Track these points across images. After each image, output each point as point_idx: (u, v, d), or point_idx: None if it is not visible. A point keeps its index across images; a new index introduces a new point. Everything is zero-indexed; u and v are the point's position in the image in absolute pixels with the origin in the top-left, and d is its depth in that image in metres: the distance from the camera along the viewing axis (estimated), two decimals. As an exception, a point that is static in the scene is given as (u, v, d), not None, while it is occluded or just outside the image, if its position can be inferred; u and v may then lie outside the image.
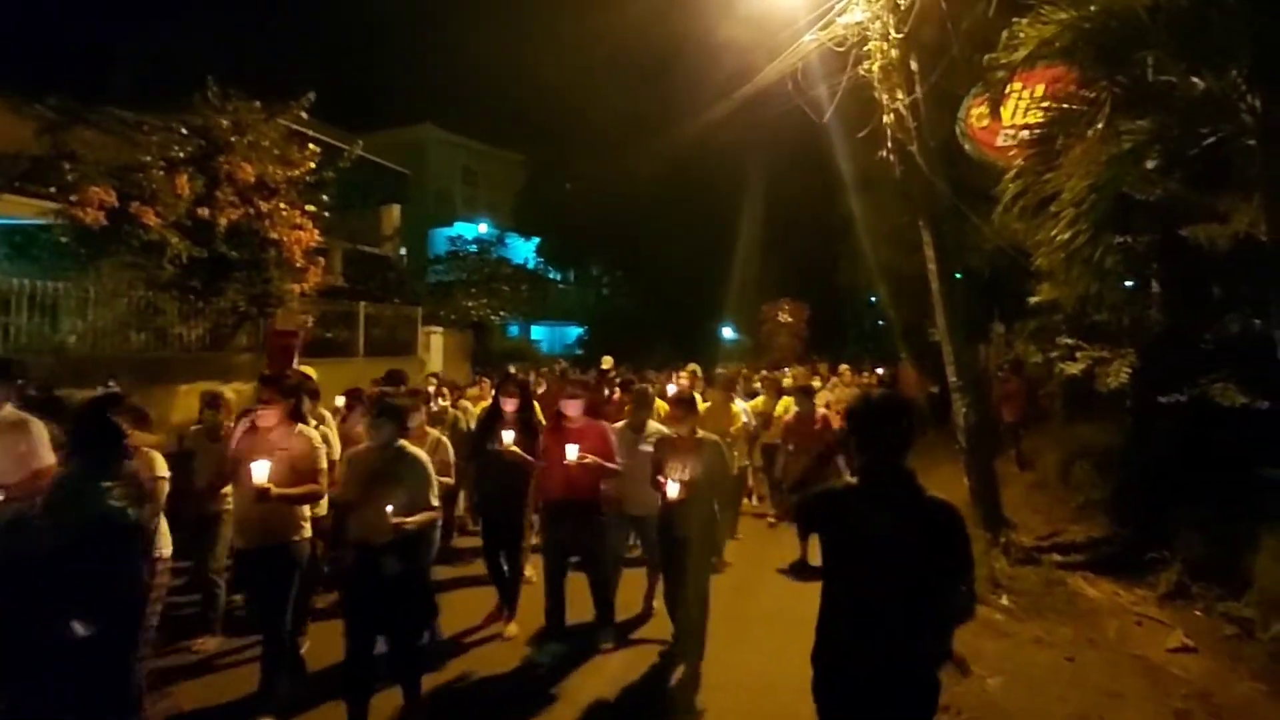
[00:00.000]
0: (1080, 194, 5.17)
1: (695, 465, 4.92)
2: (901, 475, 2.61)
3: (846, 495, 2.72)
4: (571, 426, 5.43)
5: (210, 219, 9.33)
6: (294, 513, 4.52)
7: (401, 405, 4.51)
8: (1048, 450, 11.49)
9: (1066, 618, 6.13)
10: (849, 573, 2.64)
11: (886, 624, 2.53)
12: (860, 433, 2.69)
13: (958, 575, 2.61)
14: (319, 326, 12.38)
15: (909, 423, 2.71)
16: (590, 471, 5.28)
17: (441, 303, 16.85)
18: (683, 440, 5.16)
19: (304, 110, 10.51)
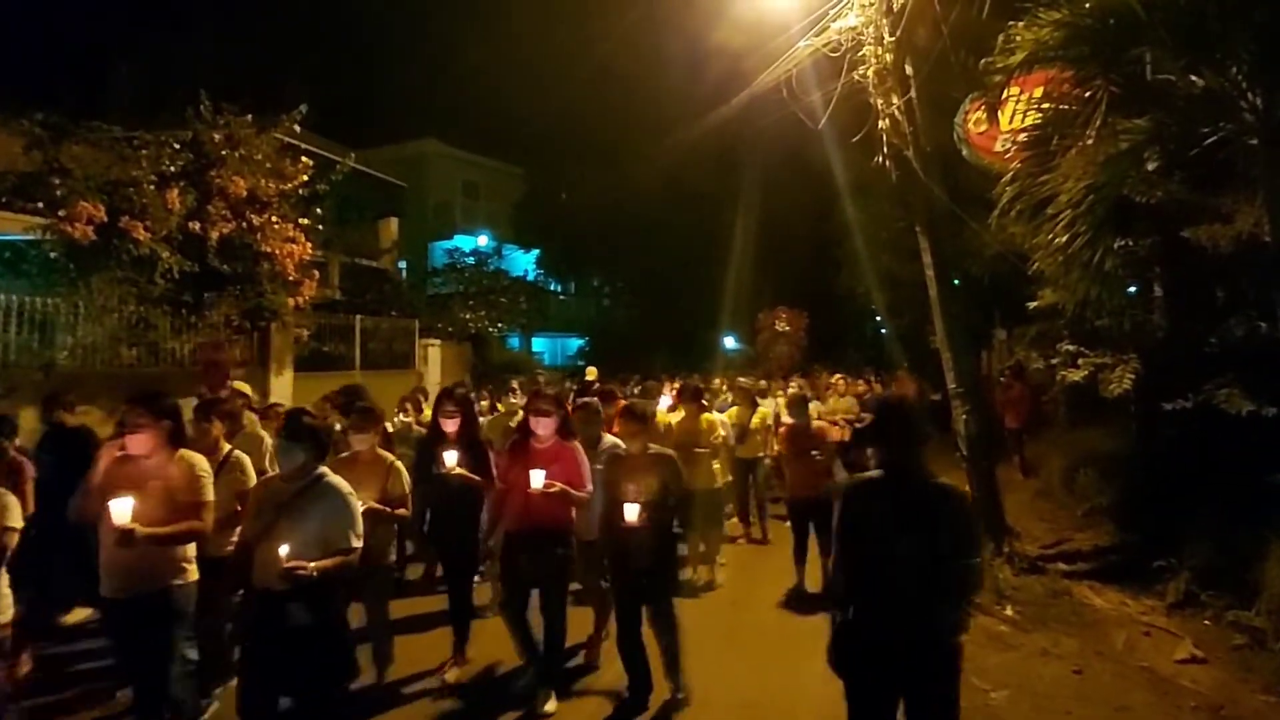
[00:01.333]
0: (1077, 195, 5.06)
1: (650, 484, 4.48)
2: (917, 465, 3.01)
3: (873, 484, 3.09)
4: (540, 448, 4.74)
5: (201, 233, 9.28)
6: (172, 554, 3.90)
7: (317, 427, 3.79)
8: (1051, 457, 11.37)
9: (1073, 628, 6.00)
10: (878, 551, 2.94)
11: (914, 593, 2.86)
12: (883, 429, 3.11)
13: (968, 549, 3.03)
14: (315, 340, 12.29)
15: (922, 420, 3.18)
16: (557, 500, 4.61)
17: (439, 315, 16.76)
18: (635, 457, 4.70)
19: (296, 123, 10.45)
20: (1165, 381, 6.51)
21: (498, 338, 18.34)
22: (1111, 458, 9.10)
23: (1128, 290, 6.04)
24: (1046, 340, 9.12)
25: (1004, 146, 9.67)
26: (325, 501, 3.59)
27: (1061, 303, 6.76)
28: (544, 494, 4.49)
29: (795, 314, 22.64)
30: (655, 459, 4.65)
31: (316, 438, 3.71)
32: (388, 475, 4.77)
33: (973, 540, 3.13)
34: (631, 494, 4.44)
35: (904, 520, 2.90)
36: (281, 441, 3.71)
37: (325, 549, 3.48)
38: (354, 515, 3.64)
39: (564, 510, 4.73)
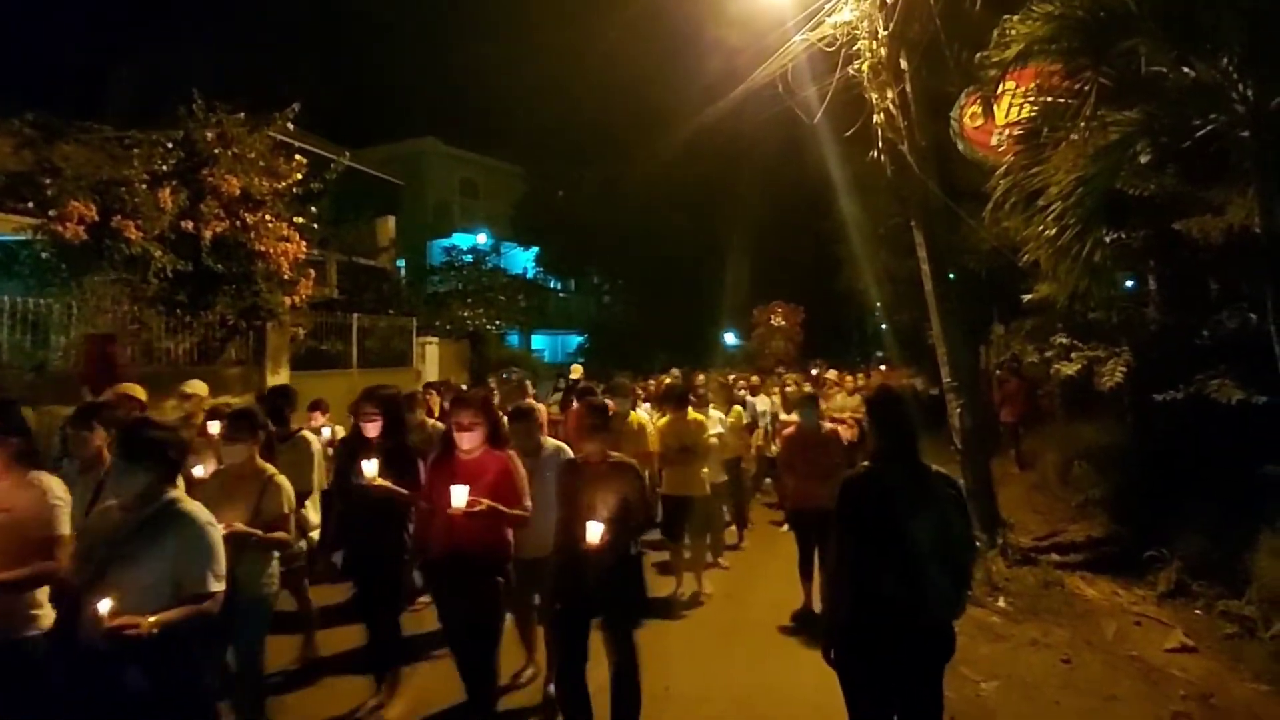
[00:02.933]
0: (1067, 188, 5.05)
1: (611, 497, 3.88)
2: (915, 454, 3.10)
3: (874, 472, 3.15)
4: (465, 459, 4.06)
5: (195, 232, 9.27)
6: (18, 601, 3.18)
7: (163, 440, 3.02)
8: (1047, 450, 11.37)
9: (1064, 619, 6.01)
10: (887, 536, 2.97)
11: (925, 575, 2.92)
12: (882, 418, 3.21)
13: (968, 533, 3.22)
14: (312, 338, 12.30)
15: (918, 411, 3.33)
16: (486, 521, 3.93)
17: (437, 313, 16.77)
18: (594, 465, 4.07)
19: (290, 121, 10.45)
20: (1158, 373, 6.51)
21: (496, 335, 18.33)
22: (1106, 450, 9.09)
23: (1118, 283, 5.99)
24: (1041, 334, 9.11)
25: (999, 141, 9.67)
26: (175, 534, 2.92)
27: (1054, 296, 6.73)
28: (469, 514, 3.83)
29: (791, 309, 22.53)
30: (617, 468, 4.05)
31: (163, 455, 2.99)
32: (263, 492, 3.89)
33: (968, 524, 3.26)
34: (593, 509, 3.81)
35: (911, 504, 2.98)
36: (117, 461, 3.06)
37: (177, 593, 2.86)
38: (212, 550, 2.98)
39: (494, 532, 4.07)
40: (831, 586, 3.25)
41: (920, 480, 3.07)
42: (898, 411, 3.18)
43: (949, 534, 3.00)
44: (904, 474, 3.08)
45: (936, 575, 2.94)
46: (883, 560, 2.97)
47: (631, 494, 3.94)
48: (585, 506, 3.82)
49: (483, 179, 32.14)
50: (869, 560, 3.00)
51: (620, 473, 4.01)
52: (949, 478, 3.16)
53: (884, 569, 2.97)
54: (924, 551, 2.92)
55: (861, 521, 3.05)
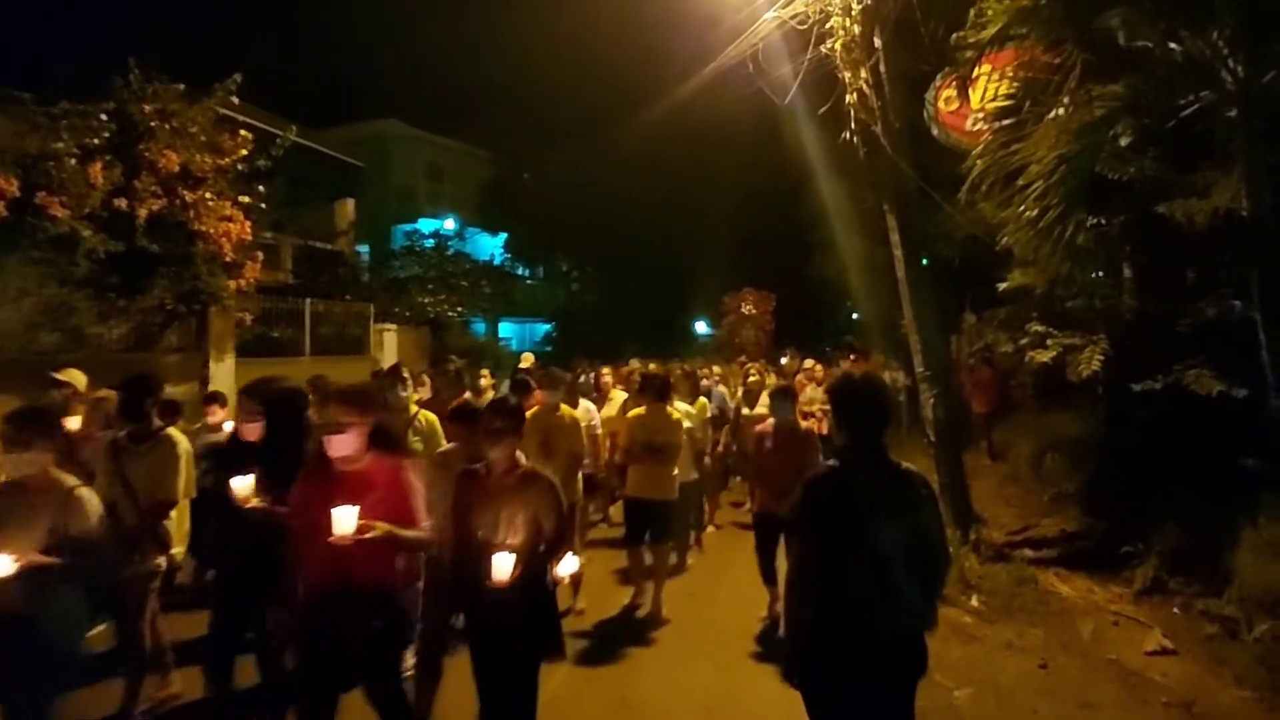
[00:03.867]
0: (1049, 166, 4.75)
1: (519, 518, 3.23)
2: (883, 451, 2.84)
3: (838, 472, 2.86)
4: (346, 471, 3.21)
5: (129, 211, 8.70)
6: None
7: None
8: (1020, 441, 11.21)
9: (1039, 619, 5.77)
10: (850, 543, 2.72)
11: (891, 585, 2.67)
12: (844, 413, 2.93)
13: (940, 538, 2.92)
14: (262, 324, 11.76)
15: (887, 402, 2.99)
16: (377, 548, 3.11)
17: (396, 299, 16.23)
18: (498, 476, 3.35)
19: (233, 94, 9.87)
20: (1134, 362, 6.26)
21: (459, 322, 17.82)
22: (1079, 442, 8.91)
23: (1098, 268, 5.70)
24: (1015, 323, 8.88)
25: (975, 125, 9.43)
26: None
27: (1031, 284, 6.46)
28: (356, 540, 2.99)
29: (762, 296, 22.07)
30: (527, 480, 3.34)
31: None
32: (65, 509, 3.22)
33: (942, 529, 3.00)
34: (497, 533, 3.21)
35: (878, 507, 2.73)
36: None
37: None
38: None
39: (383, 562, 3.25)
40: (791, 597, 2.91)
41: (889, 480, 2.81)
42: (863, 404, 2.92)
43: (920, 540, 2.75)
44: (871, 473, 2.81)
45: (906, 585, 2.70)
46: (847, 569, 2.73)
47: (545, 513, 3.30)
48: (486, 529, 3.24)
49: (449, 163, 31.50)
50: (832, 569, 2.75)
51: (531, 486, 3.33)
52: (921, 477, 2.90)
53: (848, 578, 2.73)
54: (892, 559, 2.68)
55: (824, 526, 2.78)
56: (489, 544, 3.19)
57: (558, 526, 3.36)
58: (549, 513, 3.33)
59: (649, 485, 6.01)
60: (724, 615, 6.00)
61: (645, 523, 6.04)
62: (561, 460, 5.66)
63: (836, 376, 3.46)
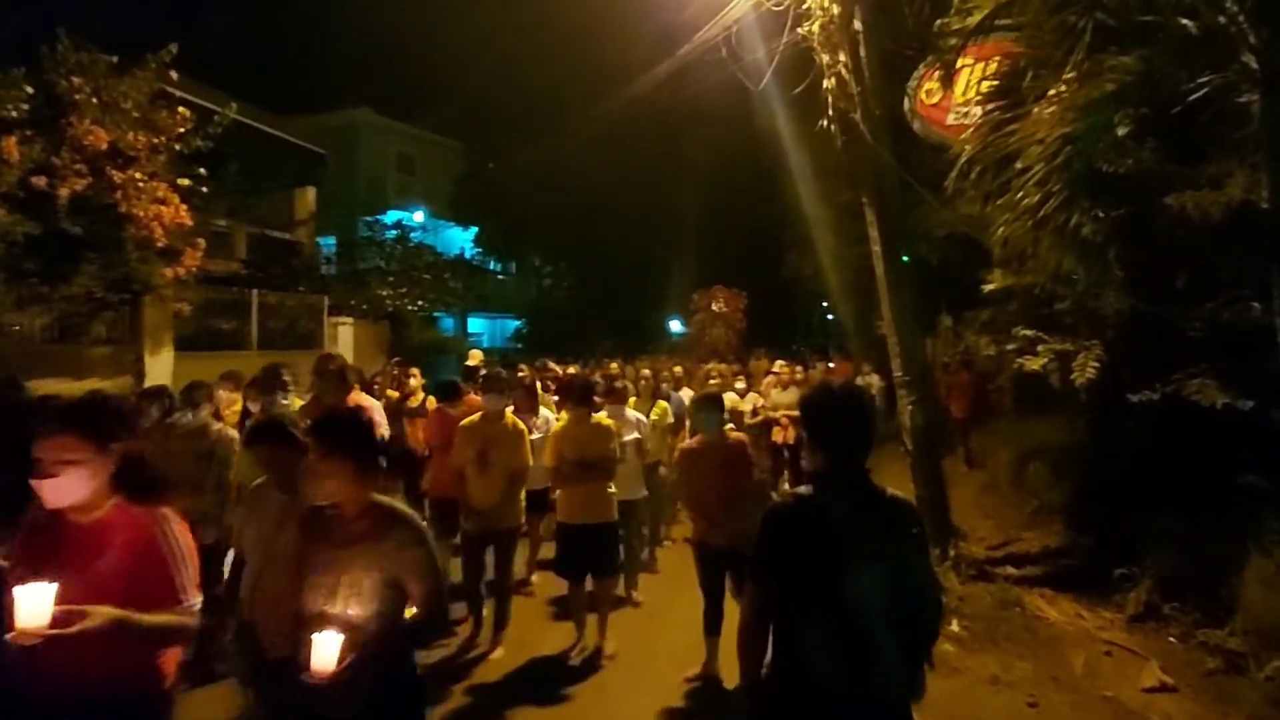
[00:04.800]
0: (1052, 147, 4.26)
1: (366, 581, 2.36)
2: (863, 476, 2.36)
3: (811, 503, 2.35)
4: (79, 523, 2.18)
5: (48, 190, 7.99)
6: None
7: None
8: (998, 448, 10.82)
9: (1025, 648, 5.31)
10: (816, 589, 2.22)
11: (872, 644, 2.19)
12: (820, 431, 2.42)
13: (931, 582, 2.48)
14: (204, 316, 11.06)
15: (872, 419, 2.46)
16: (115, 647, 2.05)
17: (354, 292, 15.53)
18: (348, 521, 2.45)
19: (167, 65, 9.14)
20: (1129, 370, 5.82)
21: (420, 317, 17.14)
22: (1063, 451, 8.49)
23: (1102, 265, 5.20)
24: (998, 326, 8.44)
25: (956, 119, 9.04)
26: None
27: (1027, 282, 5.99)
28: (56, 638, 1.93)
29: (733, 294, 21.40)
30: (385, 525, 2.43)
31: None
32: None
33: (933, 574, 2.61)
34: (335, 602, 2.35)
35: (857, 547, 2.24)
36: None
37: None
38: None
39: (131, 665, 2.17)
40: (746, 651, 2.38)
41: (872, 513, 2.32)
42: (844, 421, 2.40)
43: (906, 586, 2.26)
44: (849, 504, 2.31)
45: (888, 644, 2.21)
46: (815, 623, 2.24)
47: (410, 572, 2.39)
48: (322, 595, 2.36)
49: (420, 154, 30.88)
50: (796, 619, 2.29)
51: (391, 534, 2.40)
52: (910, 508, 2.44)
53: (817, 634, 2.24)
54: (871, 610, 2.20)
55: (787, 568, 2.28)
56: (321, 618, 2.29)
57: (429, 592, 2.41)
58: (416, 572, 2.39)
59: (583, 508, 5.15)
60: (678, 642, 5.27)
61: (583, 551, 5.17)
62: (500, 476, 5.07)
63: (811, 387, 2.84)
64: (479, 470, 5.08)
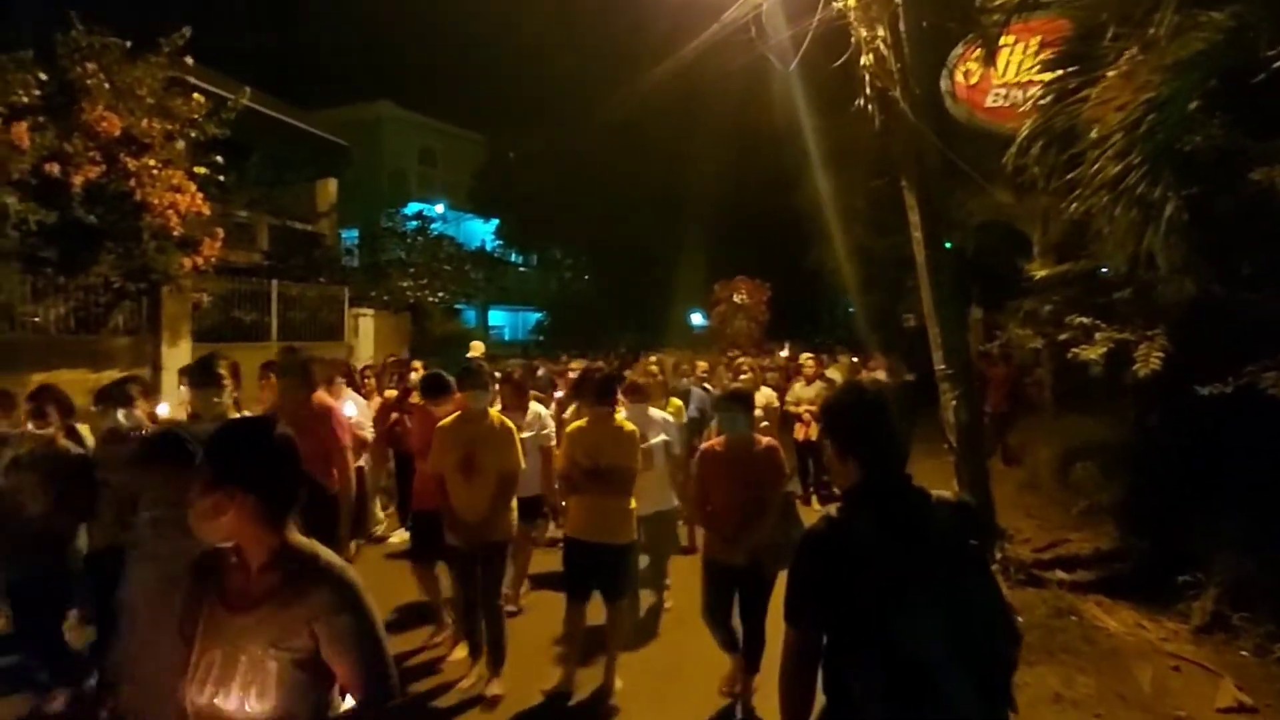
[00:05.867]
0: (1134, 113, 3.86)
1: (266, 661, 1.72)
2: (904, 485, 2.01)
3: (845, 525, 1.97)
4: None
5: (62, 177, 7.82)
6: None
7: None
8: (1038, 445, 10.41)
9: (1086, 661, 4.95)
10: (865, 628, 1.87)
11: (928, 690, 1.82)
12: (850, 439, 2.07)
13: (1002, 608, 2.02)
14: (224, 306, 10.91)
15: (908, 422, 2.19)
16: None
17: (376, 283, 15.38)
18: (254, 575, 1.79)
19: (180, 50, 8.94)
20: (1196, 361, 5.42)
21: (441, 309, 16.97)
22: (1111, 449, 8.09)
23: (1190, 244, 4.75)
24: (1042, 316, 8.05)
25: (996, 102, 8.66)
26: None
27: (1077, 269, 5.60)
28: None
29: (756, 285, 20.83)
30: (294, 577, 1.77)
31: None
32: None
33: (1002, 597, 2.06)
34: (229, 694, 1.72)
35: (906, 572, 1.87)
36: None
37: None
38: None
39: None
40: (788, 701, 2.00)
41: (916, 526, 1.95)
42: (878, 426, 2.05)
43: (971, 612, 1.88)
44: (889, 520, 1.95)
45: (955, 684, 1.83)
46: (866, 662, 1.88)
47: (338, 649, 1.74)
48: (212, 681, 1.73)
49: (442, 146, 30.93)
50: (845, 662, 1.93)
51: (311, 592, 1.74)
52: (961, 511, 2.08)
53: (869, 676, 1.88)
54: (932, 646, 1.84)
55: (828, 602, 1.93)
56: (209, 716, 1.73)
57: (366, 675, 1.76)
58: (344, 647, 1.74)
59: (594, 524, 4.48)
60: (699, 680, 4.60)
61: (591, 574, 4.49)
62: (489, 482, 4.42)
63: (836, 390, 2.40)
64: (463, 477, 4.43)
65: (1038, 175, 5.18)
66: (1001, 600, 2.04)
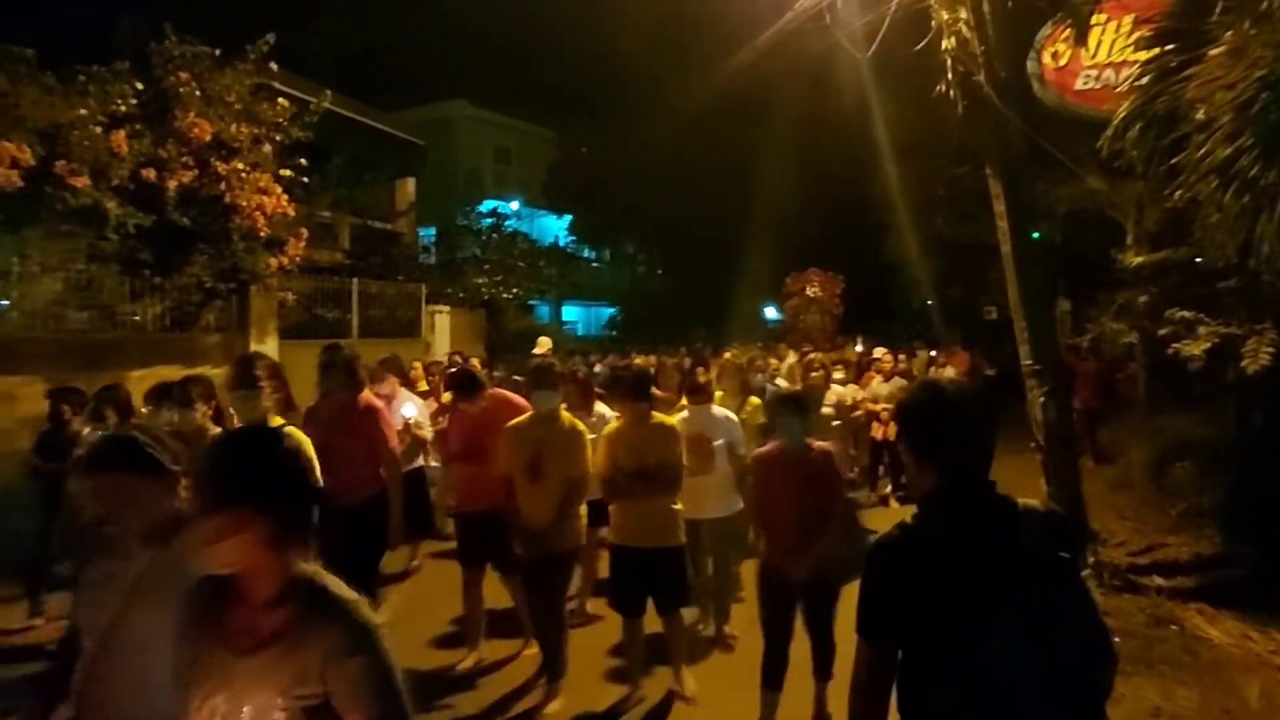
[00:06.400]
0: (1245, 92, 3.60)
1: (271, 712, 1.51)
2: (988, 493, 1.83)
3: (923, 535, 1.82)
4: None
5: (157, 182, 8.20)
6: None
7: None
8: (1131, 443, 9.94)
9: (1188, 673, 4.67)
10: (946, 648, 1.73)
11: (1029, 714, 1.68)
12: (927, 442, 1.91)
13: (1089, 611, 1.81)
14: (307, 304, 11.30)
15: (994, 423, 1.97)
16: None
17: (451, 281, 15.71)
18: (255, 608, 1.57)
19: (265, 56, 9.27)
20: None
21: (515, 305, 17.22)
22: (1213, 447, 7.67)
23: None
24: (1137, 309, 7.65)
25: (1086, 84, 8.27)
26: None
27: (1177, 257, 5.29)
28: None
29: (829, 278, 20.23)
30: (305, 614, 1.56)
31: None
32: None
33: (1100, 618, 1.86)
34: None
35: (989, 587, 1.72)
36: None
37: None
38: None
39: None
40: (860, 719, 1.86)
41: (1002, 538, 1.78)
42: (955, 425, 1.89)
43: (1064, 634, 1.72)
44: (972, 531, 1.79)
45: (1044, 711, 1.68)
46: (945, 685, 1.75)
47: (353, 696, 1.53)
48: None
49: (516, 144, 31.37)
50: (922, 683, 1.79)
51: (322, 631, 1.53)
52: (1054, 523, 1.85)
53: (948, 700, 1.74)
54: (1017, 669, 1.68)
55: (904, 616, 1.79)
56: None
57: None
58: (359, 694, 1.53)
59: (641, 529, 4.26)
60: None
61: (642, 583, 4.28)
62: (554, 487, 4.18)
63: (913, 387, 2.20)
64: (530, 481, 4.21)
65: (1135, 160, 4.90)
66: (1096, 619, 1.86)
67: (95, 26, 9.41)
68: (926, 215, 18.04)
